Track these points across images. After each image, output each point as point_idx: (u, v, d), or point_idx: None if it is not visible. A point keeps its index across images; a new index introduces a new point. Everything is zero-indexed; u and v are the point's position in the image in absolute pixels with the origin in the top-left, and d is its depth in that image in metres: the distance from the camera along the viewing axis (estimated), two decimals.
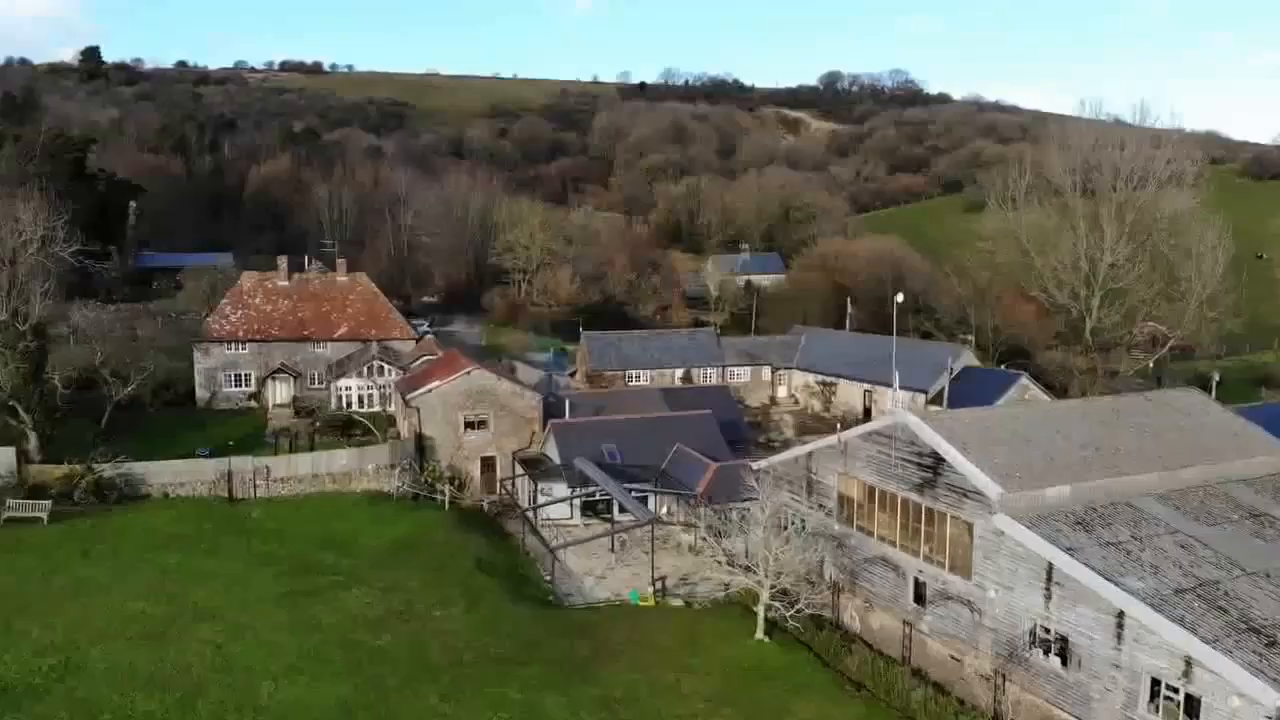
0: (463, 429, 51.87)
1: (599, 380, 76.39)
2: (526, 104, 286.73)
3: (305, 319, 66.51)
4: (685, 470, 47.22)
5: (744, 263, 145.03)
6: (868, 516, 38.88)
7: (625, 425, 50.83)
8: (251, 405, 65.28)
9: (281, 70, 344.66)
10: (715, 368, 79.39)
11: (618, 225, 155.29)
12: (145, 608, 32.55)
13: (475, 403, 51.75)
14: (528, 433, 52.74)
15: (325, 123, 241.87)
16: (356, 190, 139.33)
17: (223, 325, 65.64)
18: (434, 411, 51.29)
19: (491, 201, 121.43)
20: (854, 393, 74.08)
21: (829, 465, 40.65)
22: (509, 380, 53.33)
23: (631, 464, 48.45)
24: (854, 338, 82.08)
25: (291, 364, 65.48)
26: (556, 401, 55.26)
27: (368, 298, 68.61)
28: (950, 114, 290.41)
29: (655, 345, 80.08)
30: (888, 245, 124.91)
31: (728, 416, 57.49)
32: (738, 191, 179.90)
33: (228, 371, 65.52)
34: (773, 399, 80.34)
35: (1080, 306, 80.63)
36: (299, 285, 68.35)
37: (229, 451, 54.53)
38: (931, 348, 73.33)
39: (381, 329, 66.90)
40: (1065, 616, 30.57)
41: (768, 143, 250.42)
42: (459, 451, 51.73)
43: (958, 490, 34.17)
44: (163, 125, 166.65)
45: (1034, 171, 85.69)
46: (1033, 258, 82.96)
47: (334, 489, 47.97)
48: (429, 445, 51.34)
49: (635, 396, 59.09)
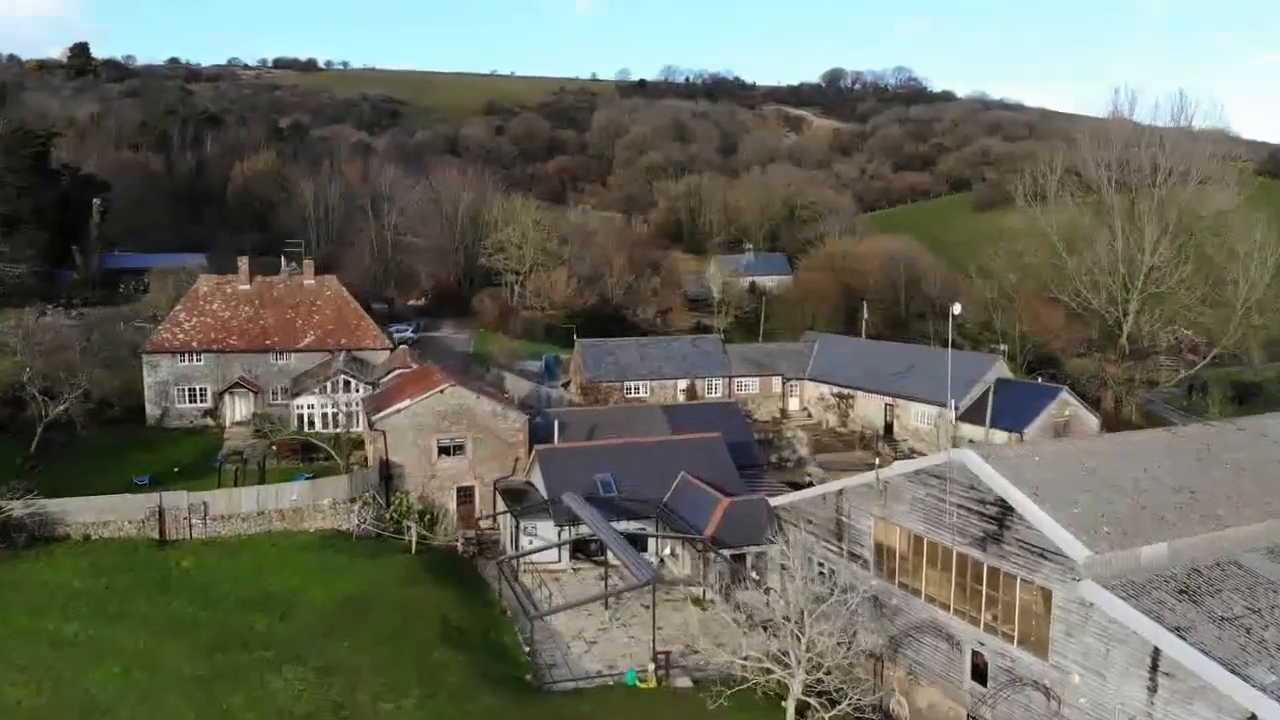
0: (436, 455, 45.35)
1: (594, 392, 69.95)
2: (524, 102, 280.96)
3: (268, 327, 59.91)
4: (691, 505, 40.76)
5: (748, 263, 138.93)
6: (913, 572, 32.39)
7: (621, 451, 44.36)
8: (207, 423, 58.76)
9: (275, 67, 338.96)
10: (721, 378, 72.92)
11: (616, 224, 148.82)
12: (23, 698, 26.11)
13: (451, 424, 45.25)
14: (511, 458, 46.25)
15: (316, 119, 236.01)
16: (344, 188, 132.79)
17: (175, 334, 59.07)
18: (403, 435, 44.78)
19: (483, 199, 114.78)
20: (873, 406, 67.59)
21: (864, 507, 34.16)
22: (490, 398, 46.79)
23: (629, 497, 42.03)
24: (872, 345, 75.54)
25: (252, 377, 58.89)
26: (544, 422, 48.79)
27: (337, 303, 61.98)
28: (955, 112, 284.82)
29: (656, 353, 73.57)
30: (900, 245, 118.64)
31: (738, 438, 51.00)
32: (740, 190, 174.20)
33: (181, 386, 58.93)
34: (783, 412, 73.85)
35: (1118, 311, 74.12)
36: (261, 289, 61.71)
37: (173, 479, 48.20)
38: (961, 358, 66.83)
39: (352, 337, 60.28)
40: (1176, 715, 24.21)
41: (770, 140, 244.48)
42: (431, 481, 45.28)
43: (1031, 548, 27.73)
44: (143, 121, 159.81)
45: (1064, 166, 79.16)
46: (1064, 258, 76.52)
47: (283, 528, 41.43)
48: (397, 474, 44.85)
49: (633, 415, 52.59)
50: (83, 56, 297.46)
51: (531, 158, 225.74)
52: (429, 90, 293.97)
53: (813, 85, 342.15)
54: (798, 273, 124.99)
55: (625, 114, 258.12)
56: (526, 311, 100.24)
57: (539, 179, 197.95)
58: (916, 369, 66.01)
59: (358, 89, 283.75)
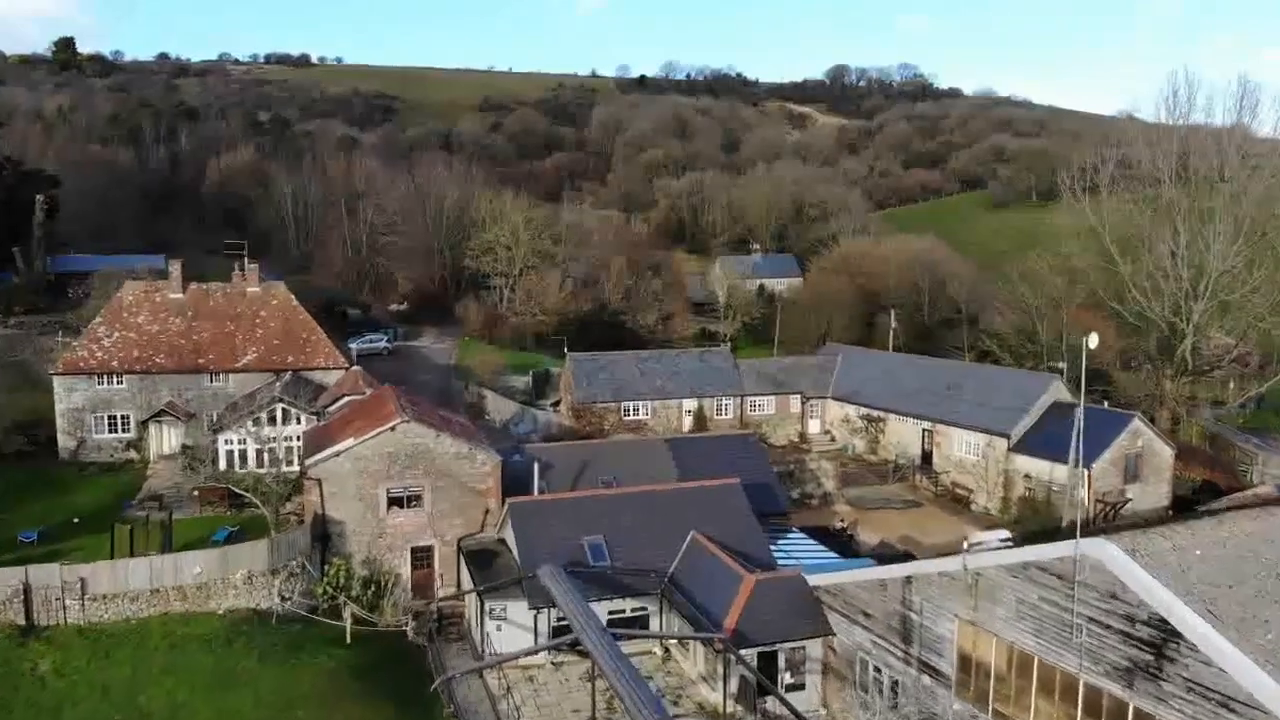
0: (385, 508, 36.49)
1: (587, 415, 61.14)
2: (521, 98, 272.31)
3: (202, 343, 50.98)
4: (705, 581, 31.94)
5: (755, 265, 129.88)
6: (1015, 699, 23.59)
7: (616, 504, 35.49)
8: (130, 457, 49.86)
9: (267, 63, 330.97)
10: (732, 397, 64.09)
11: (615, 223, 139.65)
12: None
13: (404, 470, 36.41)
14: (480, 510, 37.40)
15: (305, 115, 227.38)
16: (326, 184, 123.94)
17: (92, 352, 50.20)
18: (343, 484, 35.92)
19: (470, 195, 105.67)
20: (909, 432, 58.69)
21: (944, 604, 25.34)
22: (455, 434, 37.91)
23: (626, 567, 33.22)
24: (904, 360, 66.48)
25: (182, 402, 50.03)
26: (523, 460, 39.94)
27: (285, 313, 52.98)
28: (963, 108, 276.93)
29: (658, 369, 64.63)
30: (923, 245, 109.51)
31: (758, 477, 42.26)
32: (745, 187, 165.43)
33: (99, 413, 50.00)
34: (803, 436, 65.00)
35: (1182, 322, 65.27)
36: (196, 298, 52.70)
37: (70, 533, 39.49)
38: (1011, 377, 57.96)
39: (301, 355, 51.35)
40: None
41: (774, 137, 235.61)
42: (379, 540, 36.43)
43: (1208, 693, 18.94)
44: (114, 114, 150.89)
45: (1117, 159, 70.38)
46: (1118, 261, 67.69)
47: (183, 610, 32.66)
48: (336, 533, 35.99)
49: (631, 451, 43.69)
50: (67, 51, 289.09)
51: (528, 155, 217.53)
52: (424, 86, 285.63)
53: (816, 81, 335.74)
54: (809, 275, 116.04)
55: (625, 110, 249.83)
56: (515, 318, 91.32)
57: (536, 177, 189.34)
58: (959, 389, 57.13)
59: (350, 85, 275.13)
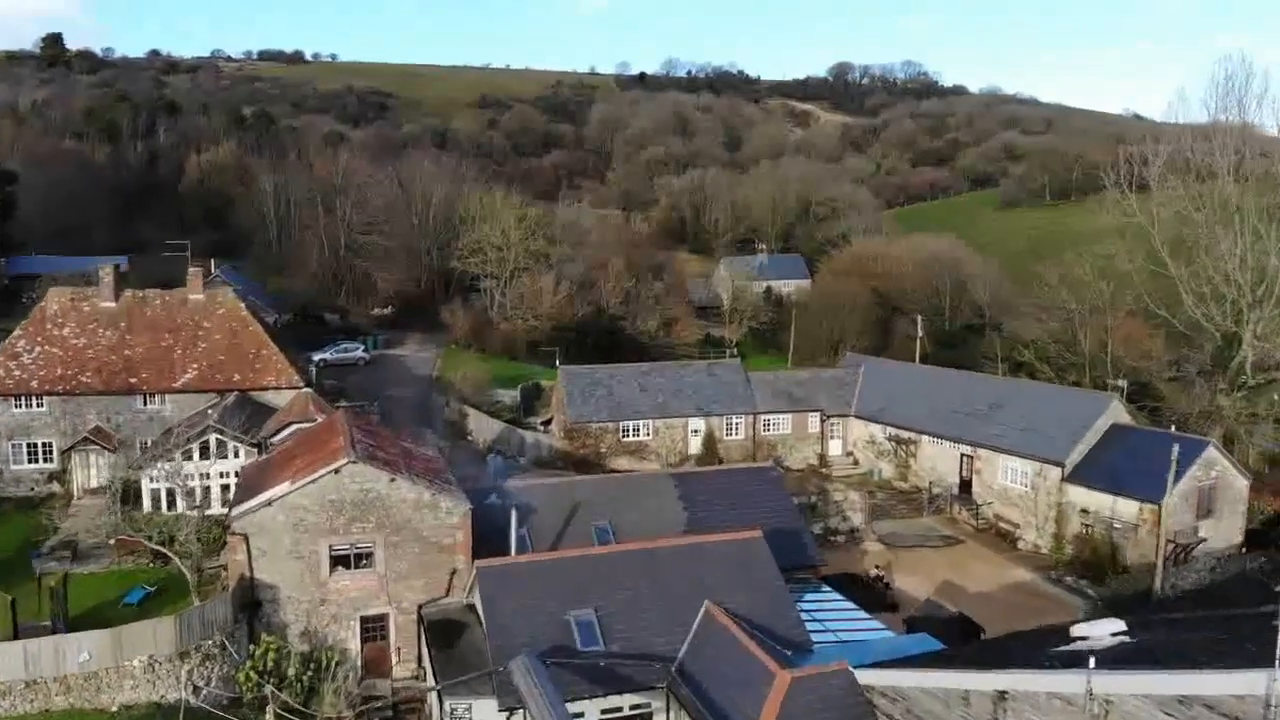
0: (328, 569, 29.84)
1: (581, 436, 54.50)
2: (518, 95, 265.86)
3: (136, 359, 44.30)
4: (722, 673, 25.26)
5: (761, 265, 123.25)
6: None
7: (611, 566, 28.76)
8: (53, 490, 43.24)
9: (260, 59, 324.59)
10: (744, 415, 57.37)
11: (614, 222, 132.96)
12: None
13: (350, 522, 29.73)
14: (445, 569, 30.70)
15: (295, 112, 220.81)
16: (313, 182, 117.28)
17: (10, 370, 43.55)
18: (276, 539, 29.24)
19: (459, 192, 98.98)
20: (944, 456, 51.97)
21: None
22: (413, 477, 31.17)
23: (623, 650, 26.52)
24: (937, 374, 59.57)
25: (112, 428, 43.40)
26: (500, 504, 33.23)
27: (232, 324, 46.25)
28: (969, 106, 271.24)
29: (660, 384, 57.89)
30: (941, 246, 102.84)
31: (782, 520, 35.61)
32: (749, 185, 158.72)
33: (16, 440, 43.39)
34: (822, 458, 58.29)
35: (1245, 330, 58.65)
36: (131, 308, 45.98)
37: None
38: (1064, 396, 51.18)
39: (249, 372, 44.67)
40: None
41: (776, 135, 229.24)
42: (322, 609, 29.74)
43: None
44: (89, 108, 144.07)
45: (1167, 154, 63.80)
46: (1168, 264, 61.11)
47: (66, 705, 26.09)
48: (267, 599, 29.33)
49: (629, 489, 36.85)
50: (55, 47, 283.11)
51: (525, 153, 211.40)
52: (419, 84, 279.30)
53: (819, 79, 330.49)
54: (819, 276, 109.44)
55: (625, 107, 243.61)
56: (506, 324, 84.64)
57: (533, 175, 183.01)
58: (1002, 408, 50.37)
59: (344, 81, 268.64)
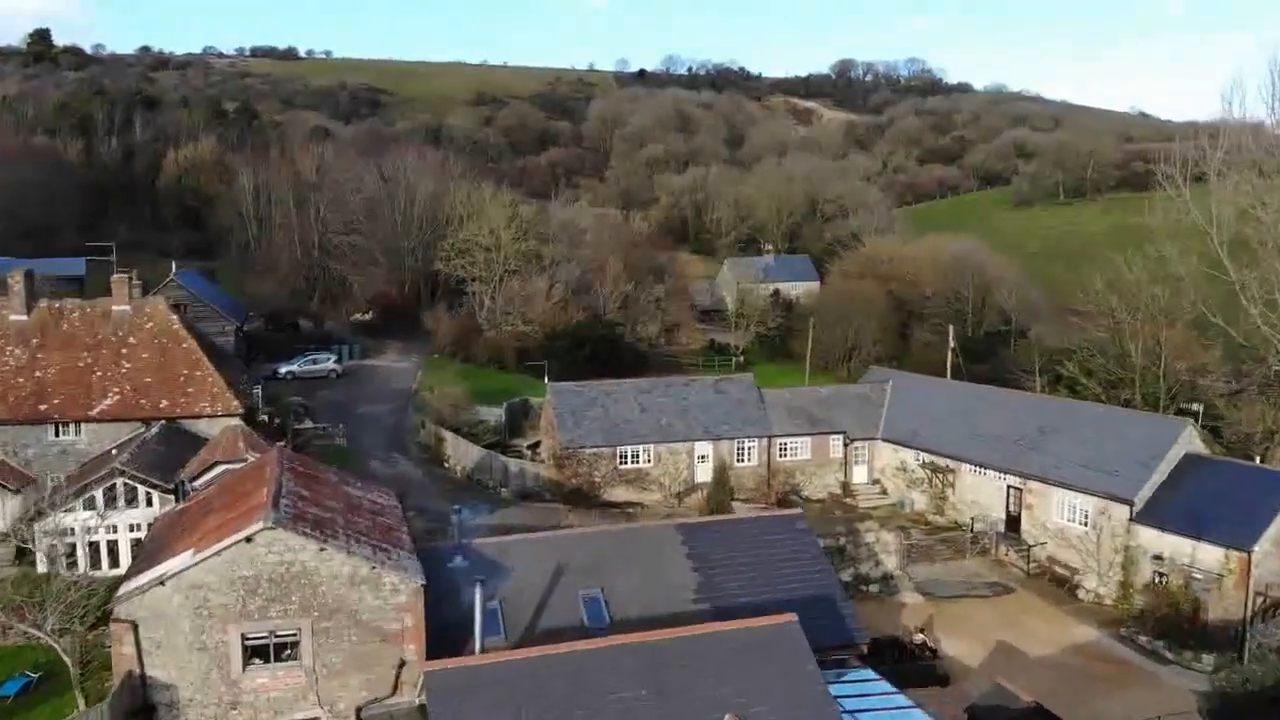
0: (241, 663, 23.24)
1: (573, 463, 47.93)
2: (515, 92, 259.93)
3: (48, 381, 37.69)
4: None
5: (768, 267, 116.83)
6: None
7: (602, 664, 22.10)
8: None
9: (252, 56, 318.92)
10: (757, 439, 50.78)
11: (612, 222, 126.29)
12: None
13: (269, 601, 23.07)
14: (390, 662, 24.10)
15: (285, 108, 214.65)
16: (296, 180, 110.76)
17: None
18: (173, 626, 22.60)
19: (445, 189, 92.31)
20: (988, 488, 45.41)
21: None
22: (350, 543, 24.51)
23: None
24: (976, 392, 52.79)
25: (19, 463, 36.82)
26: (465, 565, 26.63)
27: (162, 340, 39.56)
28: (975, 103, 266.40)
29: (663, 403, 51.25)
30: (960, 247, 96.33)
31: (814, 585, 29.13)
32: (753, 182, 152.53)
33: None
34: (846, 487, 51.69)
35: None
36: (44, 321, 39.35)
37: None
38: (1128, 420, 44.46)
39: (179, 397, 38.08)
40: None
41: (779, 132, 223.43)
42: (234, 713, 23.14)
43: None
44: (61, 102, 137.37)
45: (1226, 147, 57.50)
46: (1228, 268, 54.77)
47: None
48: (163, 703, 22.75)
49: (626, 547, 30.11)
50: (42, 43, 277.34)
51: (522, 150, 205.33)
52: (414, 80, 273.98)
53: (822, 76, 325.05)
54: (830, 279, 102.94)
55: (624, 104, 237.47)
56: (494, 332, 77.97)
57: (530, 173, 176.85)
58: (1056, 434, 43.80)
59: (338, 78, 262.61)
